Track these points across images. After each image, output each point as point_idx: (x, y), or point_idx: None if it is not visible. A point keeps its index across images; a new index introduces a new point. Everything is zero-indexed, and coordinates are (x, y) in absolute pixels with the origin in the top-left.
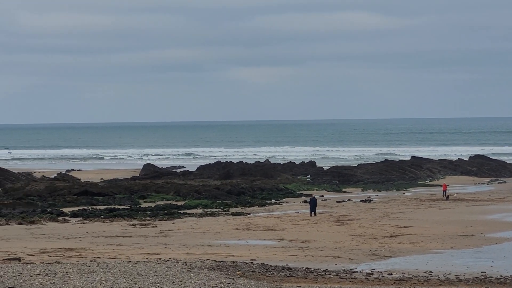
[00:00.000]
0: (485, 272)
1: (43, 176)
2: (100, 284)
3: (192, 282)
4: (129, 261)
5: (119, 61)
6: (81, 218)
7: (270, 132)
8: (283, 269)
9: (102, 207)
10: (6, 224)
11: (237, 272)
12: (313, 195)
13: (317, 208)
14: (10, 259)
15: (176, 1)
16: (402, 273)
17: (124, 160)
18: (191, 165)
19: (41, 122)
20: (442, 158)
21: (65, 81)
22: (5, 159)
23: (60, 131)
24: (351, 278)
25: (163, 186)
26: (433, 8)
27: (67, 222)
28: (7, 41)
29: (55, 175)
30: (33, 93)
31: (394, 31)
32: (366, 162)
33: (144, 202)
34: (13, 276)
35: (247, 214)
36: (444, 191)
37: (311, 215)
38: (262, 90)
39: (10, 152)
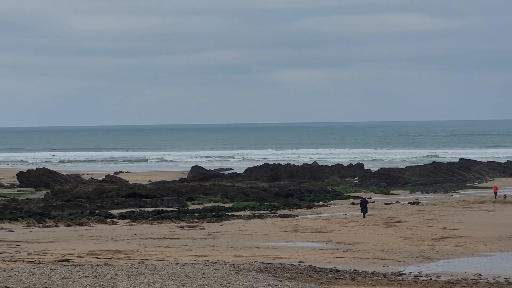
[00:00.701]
0: None
1: (91, 178)
2: (148, 286)
3: (240, 284)
4: (177, 263)
5: (167, 63)
6: (129, 220)
7: (317, 134)
8: (331, 271)
9: (150, 209)
10: (55, 226)
11: (285, 274)
12: (363, 197)
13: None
14: (59, 261)
15: (224, 3)
16: (451, 275)
17: (171, 162)
18: (239, 167)
19: (89, 124)
20: (491, 160)
21: (113, 83)
22: (54, 162)
23: (109, 133)
24: (399, 280)
25: (211, 188)
26: (481, 9)
27: (115, 224)
28: (56, 44)
29: (103, 177)
30: (82, 96)
31: (441, 33)
32: (413, 164)
33: (192, 204)
34: (62, 278)
35: (294, 216)
36: (495, 193)
37: (364, 217)
38: (309, 92)
39: (54, 155)
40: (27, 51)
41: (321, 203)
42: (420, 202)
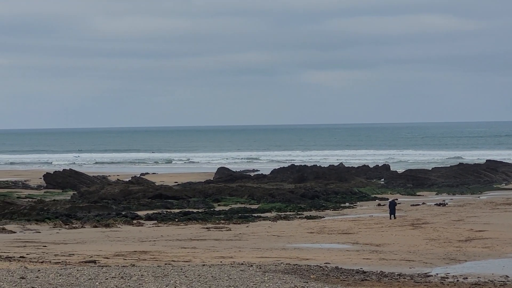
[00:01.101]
0: None
1: (117, 179)
2: (175, 287)
3: (266, 285)
4: (204, 265)
5: (192, 65)
6: (155, 221)
7: (343, 136)
8: (357, 272)
9: (177, 211)
10: (82, 227)
11: (311, 276)
12: (392, 198)
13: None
14: (86, 262)
15: (249, 4)
16: (478, 277)
17: (197, 164)
18: (265, 168)
19: (115, 125)
20: None
21: (139, 85)
22: (81, 163)
23: (134, 135)
24: (426, 282)
25: (237, 189)
26: (508, 10)
27: (142, 225)
28: (82, 46)
29: (130, 178)
30: (107, 97)
31: (468, 34)
32: (440, 166)
33: (218, 205)
34: (89, 279)
35: (321, 217)
36: None
37: (390, 218)
38: (335, 94)
39: (78, 156)
40: (53, 53)
41: (347, 204)
42: (447, 204)
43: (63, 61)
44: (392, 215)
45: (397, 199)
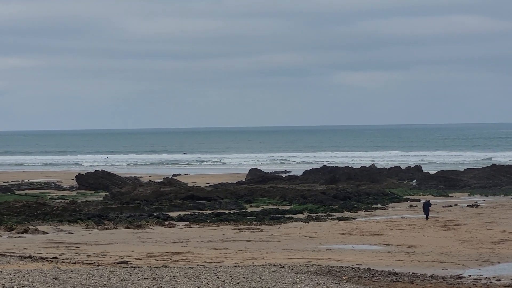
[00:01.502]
0: None
1: (149, 180)
2: None
3: (298, 286)
4: (236, 266)
5: (225, 66)
6: (187, 223)
7: (375, 137)
8: (389, 274)
9: (208, 212)
10: (114, 228)
11: (343, 277)
12: (426, 199)
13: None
14: (118, 263)
15: (281, 5)
16: (511, 279)
17: (229, 165)
18: (297, 169)
19: (148, 127)
20: None
21: (171, 86)
22: (113, 164)
23: (166, 136)
24: (458, 283)
25: (269, 190)
26: None
27: (174, 226)
28: (114, 47)
29: (162, 179)
30: (140, 99)
31: (501, 34)
32: (472, 167)
33: (250, 206)
34: (121, 280)
35: (352, 218)
36: None
37: (427, 219)
38: (368, 95)
39: (107, 157)
40: (84, 54)
41: (379, 205)
42: (479, 205)
43: (94, 62)
44: (427, 216)
45: (428, 200)
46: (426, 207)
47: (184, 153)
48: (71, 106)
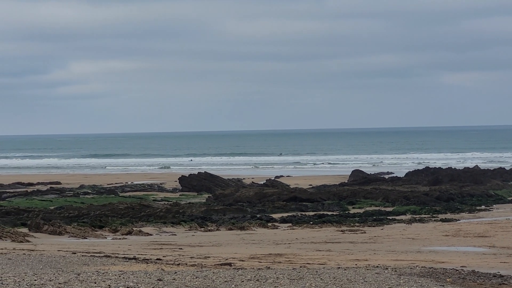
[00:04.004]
0: None
1: (252, 182)
2: None
3: None
4: (339, 267)
5: (328, 67)
6: (290, 224)
7: (479, 137)
8: (494, 276)
9: (311, 213)
10: (217, 229)
11: (447, 279)
12: None
13: None
14: (221, 264)
15: (382, 6)
16: None
17: (332, 166)
18: (400, 171)
19: (250, 128)
20: None
21: (273, 88)
22: (216, 166)
23: (269, 137)
24: None
25: (371, 192)
26: None
27: (277, 228)
28: (215, 49)
29: (264, 181)
30: (241, 101)
31: None
32: None
33: (353, 208)
34: (225, 281)
35: (456, 220)
36: None
37: None
38: (471, 95)
39: (192, 160)
40: (184, 56)
41: (483, 207)
42: None
43: (194, 64)
44: None
45: None
46: None
47: (280, 154)
48: (172, 108)
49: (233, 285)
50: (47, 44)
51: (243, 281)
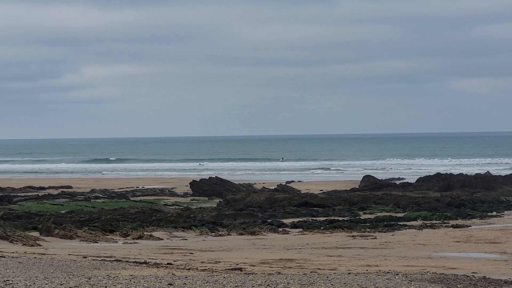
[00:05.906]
0: None
1: (263, 187)
2: None
3: None
4: (349, 273)
5: (338, 72)
6: (301, 229)
7: (491, 143)
8: (506, 283)
9: (322, 219)
10: (228, 234)
11: (458, 286)
12: None
13: None
14: (232, 269)
15: (393, 11)
16: None
17: (342, 172)
18: (411, 177)
19: (260, 133)
20: None
21: (285, 92)
22: (227, 171)
23: (280, 142)
24: None
25: (382, 197)
26: None
27: (287, 233)
28: (227, 54)
29: (275, 186)
30: (253, 105)
31: None
32: None
33: (364, 213)
34: (236, 286)
35: (467, 226)
36: None
37: None
38: (482, 101)
39: (202, 164)
40: (197, 61)
41: (494, 213)
42: None
43: (206, 69)
44: None
45: None
46: None
47: (282, 160)
48: (186, 113)
49: None
50: (59, 48)
51: (253, 286)
